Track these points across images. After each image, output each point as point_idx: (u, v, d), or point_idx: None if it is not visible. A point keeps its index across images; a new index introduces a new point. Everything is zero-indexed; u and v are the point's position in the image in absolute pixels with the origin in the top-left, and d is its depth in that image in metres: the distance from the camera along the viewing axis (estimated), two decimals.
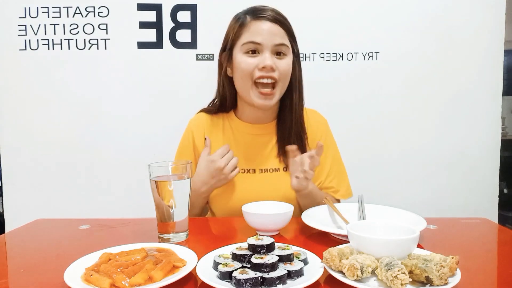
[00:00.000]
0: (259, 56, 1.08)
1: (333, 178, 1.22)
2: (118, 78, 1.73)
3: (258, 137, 1.20)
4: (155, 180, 0.89)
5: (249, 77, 1.09)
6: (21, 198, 1.74)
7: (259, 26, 1.07)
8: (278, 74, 1.08)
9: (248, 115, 1.20)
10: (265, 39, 1.06)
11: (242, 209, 0.95)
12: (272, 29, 1.07)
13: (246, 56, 1.09)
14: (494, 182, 1.80)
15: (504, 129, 3.10)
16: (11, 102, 1.72)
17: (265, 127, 1.21)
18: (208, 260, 0.72)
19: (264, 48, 1.07)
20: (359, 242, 0.70)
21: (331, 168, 1.22)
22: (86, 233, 1.00)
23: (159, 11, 1.71)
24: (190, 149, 1.22)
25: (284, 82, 1.12)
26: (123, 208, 1.72)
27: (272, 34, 1.07)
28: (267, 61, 1.06)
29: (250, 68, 1.08)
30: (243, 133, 1.21)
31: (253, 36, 1.07)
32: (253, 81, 1.09)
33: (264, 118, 1.20)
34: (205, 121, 1.23)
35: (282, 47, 1.08)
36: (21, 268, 0.77)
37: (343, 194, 1.21)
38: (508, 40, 1.77)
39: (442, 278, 0.60)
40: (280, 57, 1.09)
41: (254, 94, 1.10)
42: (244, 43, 1.08)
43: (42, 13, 1.69)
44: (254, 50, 1.08)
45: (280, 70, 1.09)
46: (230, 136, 1.21)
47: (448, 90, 1.77)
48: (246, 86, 1.11)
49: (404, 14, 1.74)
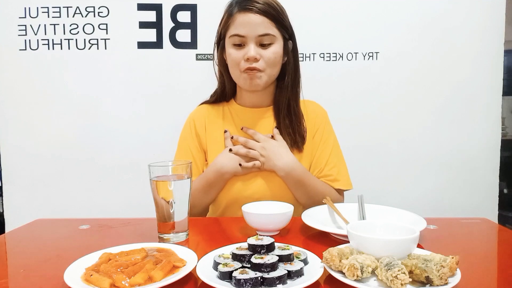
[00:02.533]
0: (244, 48, 1.13)
1: (332, 166, 1.22)
2: (118, 78, 1.73)
3: (257, 121, 1.23)
4: (155, 180, 0.89)
5: (237, 68, 1.15)
6: (21, 198, 1.74)
7: (244, 18, 1.11)
8: (262, 64, 1.13)
9: (246, 100, 1.24)
10: (249, 31, 1.11)
11: (242, 209, 0.96)
12: (256, 20, 1.11)
13: (233, 48, 1.14)
14: (494, 182, 1.80)
15: (504, 129, 3.09)
16: (11, 102, 1.72)
17: (264, 111, 1.24)
18: (208, 260, 0.72)
19: (248, 40, 1.12)
20: (359, 242, 0.70)
21: (330, 156, 1.23)
22: (86, 233, 1.00)
23: (159, 11, 1.71)
24: (192, 135, 1.25)
25: (272, 69, 1.15)
26: (123, 208, 1.72)
27: (255, 26, 1.11)
28: (250, 52, 1.11)
29: (237, 59, 1.13)
30: (243, 118, 1.24)
31: (238, 29, 1.12)
32: (241, 71, 1.14)
33: (261, 102, 1.24)
34: (206, 111, 1.27)
35: (267, 37, 1.12)
36: (21, 268, 0.77)
37: (343, 184, 1.21)
38: (508, 40, 1.77)
39: (442, 278, 0.60)
40: (265, 47, 1.13)
41: (242, 78, 1.15)
42: (231, 35, 1.14)
43: (42, 13, 1.69)
44: (240, 44, 1.13)
45: (265, 59, 1.13)
46: (230, 122, 1.24)
47: (448, 90, 1.77)
48: (236, 75, 1.17)
49: (404, 14, 1.74)
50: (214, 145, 1.22)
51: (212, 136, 1.23)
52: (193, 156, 1.23)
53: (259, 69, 1.12)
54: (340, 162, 1.25)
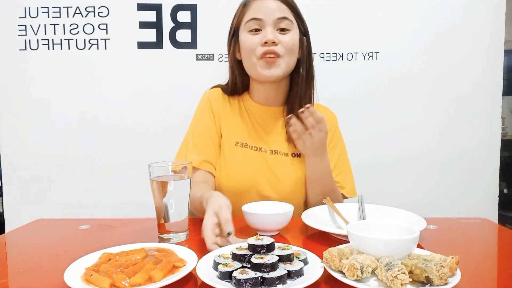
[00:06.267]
0: (261, 33, 1.10)
1: (338, 173, 1.22)
2: (118, 78, 1.73)
3: (269, 119, 1.21)
4: (155, 180, 0.89)
5: (253, 54, 1.11)
6: (21, 198, 1.74)
7: (261, 3, 1.10)
8: (281, 49, 1.09)
9: (260, 96, 1.21)
10: (266, 14, 1.09)
11: (242, 209, 0.96)
12: (274, 5, 1.09)
13: (250, 34, 1.11)
14: (494, 182, 1.80)
15: (504, 129, 3.09)
16: (11, 102, 1.72)
17: (276, 110, 1.21)
18: (208, 260, 0.72)
19: (266, 24, 1.09)
20: (359, 242, 0.70)
21: (337, 162, 1.22)
22: (86, 233, 1.00)
23: (159, 11, 1.71)
24: (209, 111, 1.22)
25: (290, 57, 1.12)
26: (123, 208, 1.72)
27: (273, 10, 1.09)
28: (268, 35, 1.07)
29: (254, 45, 1.10)
30: (256, 114, 1.22)
31: (255, 13, 1.10)
32: (257, 58, 1.11)
33: (274, 100, 1.21)
34: (222, 97, 1.24)
35: (285, 21, 1.09)
36: (21, 268, 0.77)
37: (347, 192, 1.21)
38: (508, 40, 1.77)
39: (442, 278, 0.60)
40: (283, 32, 1.10)
41: (259, 66, 1.11)
42: (247, 21, 1.11)
43: (42, 13, 1.69)
44: (257, 28, 1.10)
45: (284, 45, 1.09)
46: (246, 119, 1.22)
47: (448, 90, 1.77)
48: (251, 63, 1.12)
49: (404, 14, 1.74)
50: (224, 137, 1.20)
51: (225, 127, 1.21)
52: (209, 133, 1.20)
53: (277, 53, 1.08)
54: (346, 169, 1.24)
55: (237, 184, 1.16)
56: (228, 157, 1.19)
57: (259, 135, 1.20)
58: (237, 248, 0.72)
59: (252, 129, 1.21)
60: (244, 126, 1.21)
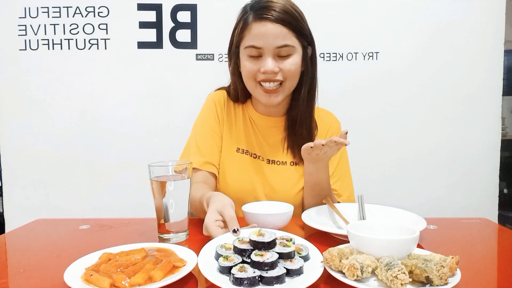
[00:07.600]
0: (261, 60, 1.07)
1: (336, 180, 1.21)
2: (118, 78, 1.73)
3: (269, 129, 1.22)
4: (155, 180, 0.89)
5: (252, 79, 1.10)
6: (21, 198, 1.74)
7: (260, 29, 1.05)
8: (282, 75, 1.08)
9: (260, 107, 1.22)
10: (266, 42, 1.05)
11: (242, 209, 0.96)
12: (274, 30, 1.04)
13: (249, 60, 1.09)
14: (494, 182, 1.80)
15: (504, 129, 3.09)
16: (11, 102, 1.72)
17: (277, 120, 1.22)
18: (210, 249, 0.72)
19: (265, 52, 1.06)
20: (359, 242, 0.70)
21: (336, 170, 1.22)
22: (86, 233, 1.00)
23: (159, 11, 1.71)
24: (214, 114, 1.22)
25: (291, 81, 1.11)
26: (123, 208, 1.72)
27: (273, 37, 1.04)
28: (268, 66, 1.05)
29: (253, 72, 1.09)
30: (258, 123, 1.22)
31: (254, 40, 1.06)
32: (257, 82, 1.10)
33: (275, 112, 1.22)
34: (227, 102, 1.24)
35: (285, 48, 1.06)
36: (21, 268, 0.77)
37: (345, 200, 1.21)
38: (508, 40, 1.77)
39: (442, 278, 0.60)
40: (284, 58, 1.07)
41: (259, 93, 1.11)
42: (246, 46, 1.08)
43: (42, 13, 1.69)
44: (256, 54, 1.07)
45: (285, 71, 1.07)
46: (249, 127, 1.22)
47: (448, 90, 1.77)
48: (251, 86, 1.13)
49: (404, 14, 1.74)
50: (225, 142, 1.21)
51: (228, 132, 1.21)
52: (213, 135, 1.20)
53: (278, 80, 1.08)
54: (345, 176, 1.24)
55: (235, 189, 1.16)
56: (228, 162, 1.19)
57: (259, 143, 1.21)
58: (239, 241, 0.72)
59: (254, 137, 1.21)
60: (247, 134, 1.21)
